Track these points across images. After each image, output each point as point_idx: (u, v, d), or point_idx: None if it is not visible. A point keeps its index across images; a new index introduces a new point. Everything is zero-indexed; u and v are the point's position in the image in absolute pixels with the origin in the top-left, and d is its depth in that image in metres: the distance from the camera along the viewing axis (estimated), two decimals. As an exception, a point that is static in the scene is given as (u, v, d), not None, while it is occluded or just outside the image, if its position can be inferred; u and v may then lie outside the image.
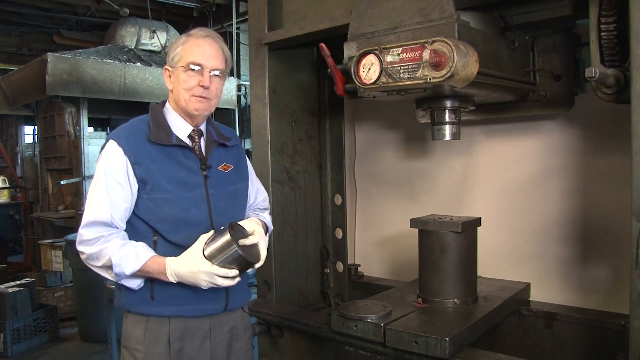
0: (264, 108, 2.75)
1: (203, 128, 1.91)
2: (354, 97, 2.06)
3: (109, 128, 10.05)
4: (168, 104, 1.89)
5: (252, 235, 1.77)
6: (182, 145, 1.81)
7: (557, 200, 2.48)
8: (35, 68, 6.80)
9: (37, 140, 8.51)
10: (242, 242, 1.71)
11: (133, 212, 1.77)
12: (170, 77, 1.84)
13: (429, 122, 2.18)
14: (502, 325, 2.48)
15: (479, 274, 2.39)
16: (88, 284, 4.89)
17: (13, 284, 5.18)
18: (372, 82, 1.86)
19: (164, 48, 8.18)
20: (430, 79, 1.72)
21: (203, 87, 1.78)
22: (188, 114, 1.84)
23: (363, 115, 3.20)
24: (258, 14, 2.72)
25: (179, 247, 1.74)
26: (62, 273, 5.91)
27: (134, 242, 1.75)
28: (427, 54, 1.71)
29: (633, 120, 1.62)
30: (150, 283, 1.77)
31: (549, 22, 2.16)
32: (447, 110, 2.09)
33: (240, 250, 1.66)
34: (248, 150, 2.33)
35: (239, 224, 1.78)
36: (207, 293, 1.76)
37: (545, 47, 2.33)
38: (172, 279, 1.71)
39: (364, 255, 3.24)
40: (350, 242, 3.20)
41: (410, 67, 1.77)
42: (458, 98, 2.08)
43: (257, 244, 1.77)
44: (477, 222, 2.32)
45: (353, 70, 1.90)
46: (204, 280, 1.67)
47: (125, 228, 1.79)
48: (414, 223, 2.32)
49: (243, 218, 1.95)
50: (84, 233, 1.73)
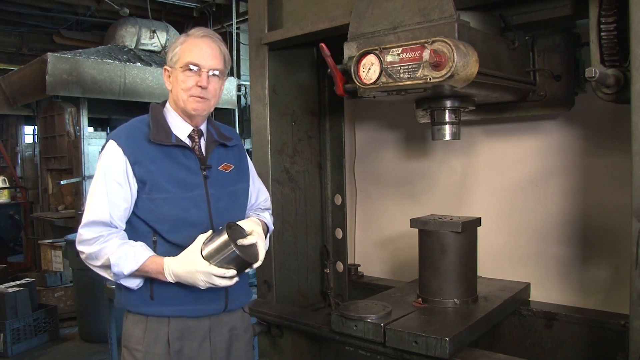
0: (264, 108, 2.75)
1: (203, 128, 1.91)
2: (354, 97, 2.06)
3: (109, 128, 10.04)
4: (168, 104, 1.89)
5: (250, 235, 1.77)
6: (181, 146, 1.81)
7: (557, 200, 2.48)
8: (35, 68, 6.80)
9: (37, 140, 8.52)
10: (240, 242, 1.71)
11: (133, 212, 1.78)
12: (170, 77, 1.84)
13: (429, 122, 2.18)
14: (502, 325, 2.48)
15: (479, 274, 2.39)
16: (88, 284, 4.89)
17: (13, 284, 5.18)
18: (372, 82, 1.86)
19: (164, 48, 8.18)
20: (430, 79, 1.72)
21: (201, 87, 1.77)
22: (187, 114, 1.84)
23: (363, 115, 3.20)
24: (258, 14, 2.72)
25: (179, 247, 1.74)
26: (62, 273, 5.91)
27: (133, 241, 1.75)
28: (427, 54, 1.71)
29: (633, 120, 1.62)
30: (150, 283, 1.77)
31: (549, 22, 2.16)
32: (447, 110, 2.09)
33: (238, 251, 1.66)
34: (248, 150, 2.32)
35: (238, 224, 1.78)
36: (206, 293, 1.75)
37: (545, 47, 2.33)
38: (170, 279, 1.71)
39: (364, 255, 3.23)
40: (350, 242, 3.20)
41: (410, 67, 1.77)
42: (458, 98, 2.08)
43: (255, 244, 1.77)
44: (477, 222, 2.32)
45: (353, 70, 1.90)
46: (202, 280, 1.67)
47: (126, 228, 1.79)
48: (414, 223, 2.32)
49: (244, 218, 1.94)
50: (83, 233, 1.74)
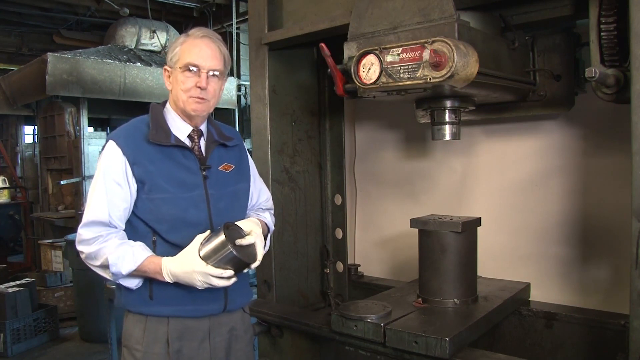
0: (264, 108, 2.74)
1: (203, 128, 1.91)
2: (354, 97, 2.06)
3: (109, 128, 10.05)
4: (168, 104, 1.89)
5: (249, 236, 1.76)
6: (181, 146, 1.81)
7: (557, 200, 2.48)
8: (35, 68, 6.80)
9: (37, 140, 8.52)
10: (238, 242, 1.70)
11: (132, 212, 1.78)
12: (169, 77, 1.84)
13: (429, 122, 2.18)
14: (502, 325, 2.48)
15: (479, 274, 2.39)
16: (88, 284, 4.89)
17: (13, 284, 5.18)
18: (372, 82, 1.86)
19: (164, 48, 8.18)
20: (430, 79, 1.72)
21: (200, 88, 1.77)
22: (187, 115, 1.84)
23: (363, 115, 3.20)
24: (258, 14, 2.72)
25: (178, 247, 1.73)
26: (62, 273, 5.91)
27: (132, 241, 1.75)
28: (427, 54, 1.71)
29: (633, 120, 1.62)
30: (149, 283, 1.77)
31: (549, 22, 2.16)
32: (447, 110, 2.09)
33: (235, 251, 1.65)
34: (249, 150, 2.32)
35: (236, 224, 1.77)
36: (205, 294, 1.75)
37: (545, 47, 2.33)
38: (168, 279, 1.71)
39: (364, 255, 3.23)
40: (350, 242, 3.20)
41: (410, 67, 1.77)
42: (458, 98, 2.08)
43: (254, 244, 1.76)
44: (477, 222, 2.32)
45: (353, 70, 1.90)
46: (199, 281, 1.67)
47: (125, 228, 1.79)
48: (414, 223, 2.32)
49: (244, 218, 1.94)
50: (83, 233, 1.74)
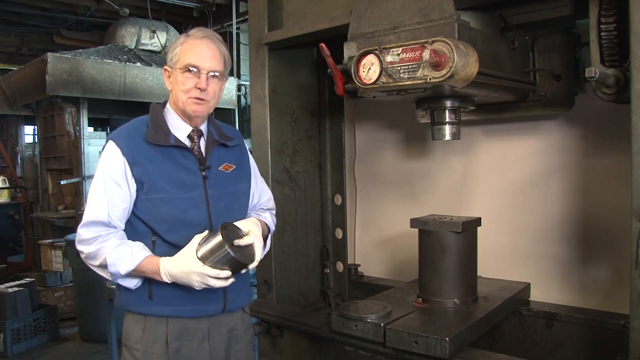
0: (264, 108, 2.74)
1: (204, 128, 1.91)
2: (354, 97, 2.06)
3: (109, 128, 10.05)
4: (168, 105, 1.89)
5: (247, 236, 1.75)
6: (180, 146, 1.81)
7: (557, 200, 2.48)
8: (35, 68, 6.80)
9: (37, 140, 8.52)
10: (236, 242, 1.70)
11: (132, 212, 1.78)
12: (170, 77, 1.84)
13: (429, 122, 2.18)
14: (502, 325, 2.48)
15: (479, 274, 2.39)
16: (88, 284, 4.89)
17: (13, 284, 5.18)
18: (372, 82, 1.86)
19: (164, 48, 8.18)
20: (430, 79, 1.72)
21: (200, 89, 1.77)
22: (186, 115, 1.83)
23: (363, 115, 3.20)
24: (258, 14, 2.72)
25: (177, 247, 1.73)
26: (62, 273, 5.91)
27: (131, 242, 1.75)
28: (427, 54, 1.71)
29: (633, 120, 1.62)
30: (149, 283, 1.77)
31: (549, 22, 2.16)
32: (447, 110, 2.09)
33: (232, 252, 1.65)
34: (250, 150, 2.32)
35: (234, 224, 1.76)
36: (204, 294, 1.75)
37: (545, 47, 2.33)
38: (166, 279, 1.71)
39: (364, 255, 3.23)
40: (350, 242, 3.20)
41: (410, 67, 1.77)
42: (458, 98, 2.07)
43: (252, 245, 1.76)
44: (477, 222, 2.32)
45: (353, 70, 1.90)
46: (196, 281, 1.66)
47: (125, 228, 1.79)
48: (414, 223, 2.32)
49: (244, 218, 1.92)
50: (82, 232, 1.74)
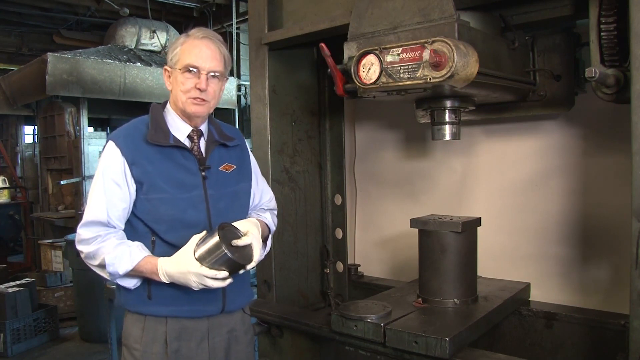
0: (264, 108, 2.75)
1: (204, 128, 1.91)
2: (354, 97, 2.06)
3: (109, 128, 10.05)
4: (169, 105, 1.88)
5: (245, 236, 1.74)
6: (179, 146, 1.81)
7: (557, 200, 2.48)
8: (35, 68, 6.79)
9: (37, 140, 8.51)
10: (234, 242, 1.69)
11: (132, 212, 1.78)
12: (170, 77, 1.84)
13: (429, 122, 2.18)
14: (502, 325, 2.48)
15: (479, 274, 2.39)
16: (88, 284, 4.89)
17: (13, 284, 5.17)
18: (372, 82, 1.86)
19: (164, 48, 8.18)
20: (430, 79, 1.72)
21: (200, 89, 1.76)
22: (186, 115, 1.83)
23: (363, 115, 3.20)
24: (258, 14, 2.72)
25: (176, 247, 1.73)
26: (62, 273, 5.91)
27: (130, 242, 1.75)
28: (427, 54, 1.71)
29: (633, 120, 1.62)
30: (148, 283, 1.77)
31: (549, 22, 2.16)
32: (447, 110, 2.09)
33: (229, 253, 1.64)
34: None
35: (232, 225, 1.76)
36: (203, 294, 1.75)
37: (545, 47, 2.33)
38: (164, 279, 1.70)
39: (364, 255, 3.23)
40: (350, 242, 3.20)
41: (410, 67, 1.77)
42: (458, 98, 2.08)
43: (250, 245, 1.75)
44: (477, 222, 2.32)
45: (353, 70, 1.90)
46: (194, 282, 1.66)
47: (125, 228, 1.79)
48: (414, 223, 2.32)
49: (245, 218, 1.92)
50: (82, 232, 1.75)
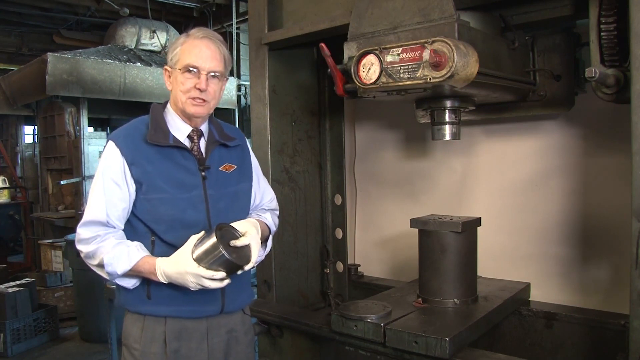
0: (264, 108, 2.75)
1: (204, 128, 1.91)
2: (354, 97, 2.06)
3: (109, 128, 10.05)
4: (169, 105, 1.88)
5: (243, 237, 1.73)
6: (179, 146, 1.81)
7: (557, 200, 2.48)
8: (35, 68, 6.79)
9: (37, 140, 8.51)
10: (233, 243, 1.69)
11: (132, 212, 1.78)
12: (170, 77, 1.84)
13: (429, 122, 2.18)
14: (502, 325, 2.48)
15: (479, 274, 2.39)
16: (88, 284, 4.89)
17: (13, 284, 5.17)
18: (372, 82, 1.86)
19: (164, 48, 8.18)
20: (430, 79, 1.72)
21: (200, 89, 1.76)
22: (186, 115, 1.83)
23: (363, 115, 3.20)
24: (258, 14, 2.72)
25: (175, 247, 1.72)
26: (62, 273, 5.91)
27: (129, 241, 1.75)
28: (427, 54, 1.71)
29: (633, 120, 1.62)
30: (147, 283, 1.77)
31: (549, 22, 2.16)
32: (447, 110, 2.09)
33: (227, 254, 1.63)
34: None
35: (230, 225, 1.75)
36: (202, 295, 1.74)
37: (545, 47, 2.33)
38: (162, 279, 1.70)
39: (364, 255, 3.23)
40: (350, 242, 3.20)
41: (410, 67, 1.77)
42: (458, 98, 2.08)
43: (248, 246, 1.74)
44: (477, 222, 2.32)
45: (353, 70, 1.90)
46: (191, 282, 1.66)
47: (125, 228, 1.79)
48: (414, 223, 2.32)
49: (245, 219, 1.91)
50: (81, 232, 1.75)
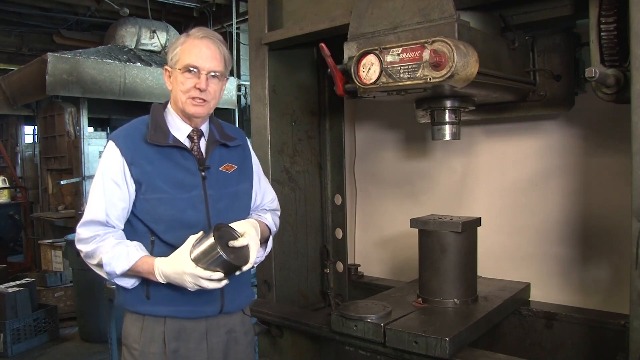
0: (264, 108, 2.75)
1: (204, 128, 1.91)
2: (354, 97, 2.06)
3: (109, 128, 10.05)
4: (169, 105, 1.88)
5: (242, 237, 1.73)
6: (179, 146, 1.81)
7: (557, 200, 2.48)
8: (35, 68, 6.79)
9: (37, 140, 8.51)
10: (231, 243, 1.69)
11: (132, 212, 1.78)
12: (170, 77, 1.84)
13: (429, 122, 2.18)
14: (502, 325, 2.48)
15: (479, 274, 2.39)
16: (88, 284, 4.89)
17: (13, 284, 5.17)
18: (372, 82, 1.86)
19: (164, 48, 8.18)
20: (430, 79, 1.72)
21: (200, 89, 1.76)
22: (186, 115, 1.83)
23: (363, 115, 3.20)
24: (258, 14, 2.72)
25: (175, 248, 1.72)
26: (62, 273, 5.91)
27: (129, 241, 1.75)
28: (427, 54, 1.71)
29: (633, 120, 1.62)
30: (146, 283, 1.77)
31: (549, 22, 2.16)
32: (447, 110, 2.09)
33: (225, 254, 1.63)
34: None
35: (229, 225, 1.75)
36: (201, 295, 1.74)
37: (545, 47, 2.33)
38: (160, 279, 1.70)
39: (364, 255, 3.23)
40: (350, 242, 3.20)
41: (410, 67, 1.77)
42: (458, 98, 2.08)
43: (247, 246, 1.73)
44: (477, 222, 2.32)
45: (353, 70, 1.90)
46: (189, 282, 1.66)
47: (125, 228, 1.79)
48: (414, 223, 2.32)
49: (245, 219, 1.91)
50: (81, 232, 1.75)
